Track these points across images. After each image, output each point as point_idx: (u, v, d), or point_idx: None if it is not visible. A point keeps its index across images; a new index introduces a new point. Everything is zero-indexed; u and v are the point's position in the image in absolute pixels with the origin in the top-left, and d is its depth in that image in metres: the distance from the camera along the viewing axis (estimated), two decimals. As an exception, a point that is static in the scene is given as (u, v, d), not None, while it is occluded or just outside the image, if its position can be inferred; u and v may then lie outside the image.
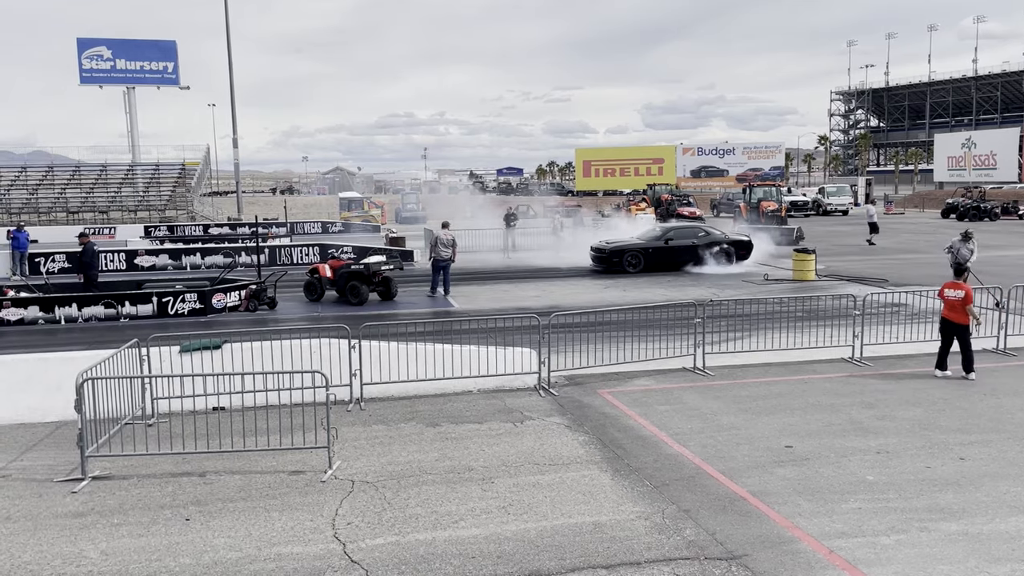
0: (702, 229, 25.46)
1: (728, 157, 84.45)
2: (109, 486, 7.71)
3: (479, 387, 11.00)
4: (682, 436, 8.93)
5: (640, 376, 11.50)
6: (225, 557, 6.24)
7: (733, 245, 24.46)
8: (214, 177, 66.48)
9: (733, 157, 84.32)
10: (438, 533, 6.61)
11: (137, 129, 59.34)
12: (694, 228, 25.61)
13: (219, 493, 7.52)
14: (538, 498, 7.27)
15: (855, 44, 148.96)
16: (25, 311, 17.06)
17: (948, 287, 11.33)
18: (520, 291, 20.87)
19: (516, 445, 8.74)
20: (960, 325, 11.12)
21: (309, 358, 10.25)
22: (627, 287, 21.06)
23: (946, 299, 11.29)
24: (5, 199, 53.43)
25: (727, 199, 55.19)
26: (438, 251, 20.03)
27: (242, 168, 53.08)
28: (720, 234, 25.14)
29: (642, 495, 7.33)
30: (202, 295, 17.82)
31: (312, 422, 8.52)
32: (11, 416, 9.67)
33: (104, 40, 57.69)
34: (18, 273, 25.44)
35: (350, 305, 18.61)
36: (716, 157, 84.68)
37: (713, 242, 24.19)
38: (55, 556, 6.30)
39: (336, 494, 7.46)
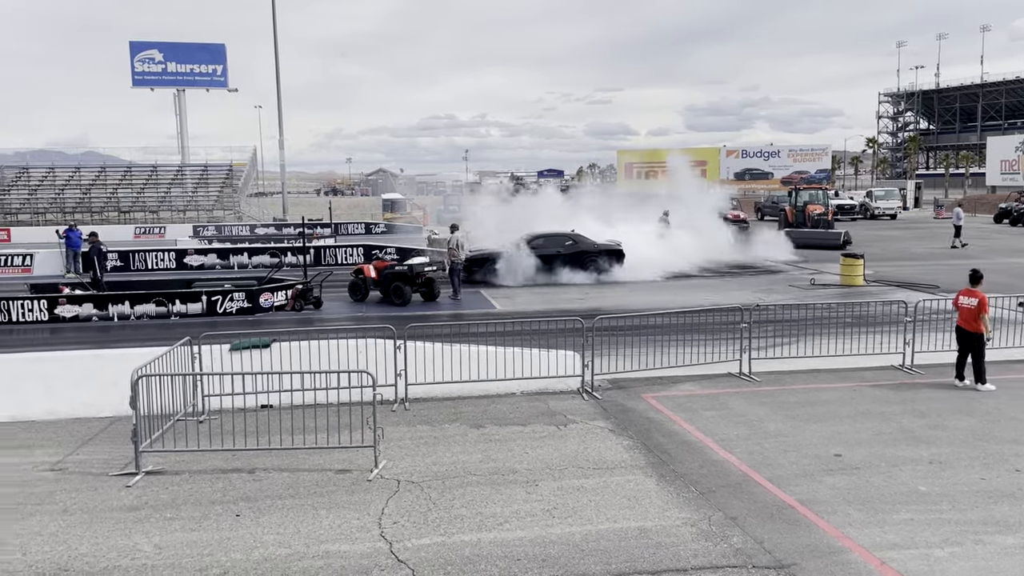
0: (570, 237, 23.67)
1: (773, 160, 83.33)
2: (162, 481, 7.88)
3: (522, 389, 11.01)
4: (728, 442, 8.84)
5: (684, 381, 11.41)
6: (275, 553, 6.34)
7: (603, 254, 23.22)
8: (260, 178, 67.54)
9: (778, 160, 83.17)
10: (483, 535, 6.64)
11: (187, 130, 60.59)
12: (561, 236, 23.75)
13: (268, 490, 7.64)
14: (583, 502, 7.26)
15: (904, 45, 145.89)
16: (80, 308, 17.54)
17: (963, 295, 11.04)
18: (561, 294, 20.83)
19: (560, 448, 8.73)
20: (974, 334, 10.82)
21: (355, 358, 10.36)
22: (670, 290, 20.90)
23: (960, 307, 11.00)
24: (60, 199, 54.92)
25: (771, 202, 54.41)
26: (457, 255, 20.10)
27: (287, 169, 53.95)
28: (590, 242, 23.58)
29: (688, 501, 7.28)
30: (250, 294, 18.14)
31: (358, 421, 8.61)
32: (68, 411, 9.94)
33: (156, 43, 59.02)
34: (72, 271, 26.15)
35: (394, 306, 18.78)
36: (760, 160, 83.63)
37: (582, 251, 22.99)
38: (110, 548, 6.47)
39: (382, 493, 7.53)
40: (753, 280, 22.90)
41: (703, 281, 22.84)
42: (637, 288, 21.58)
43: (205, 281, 20.50)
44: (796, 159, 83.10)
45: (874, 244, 32.65)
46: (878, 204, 55.89)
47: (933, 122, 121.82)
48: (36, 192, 55.86)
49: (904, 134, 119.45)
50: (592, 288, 21.64)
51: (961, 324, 11.01)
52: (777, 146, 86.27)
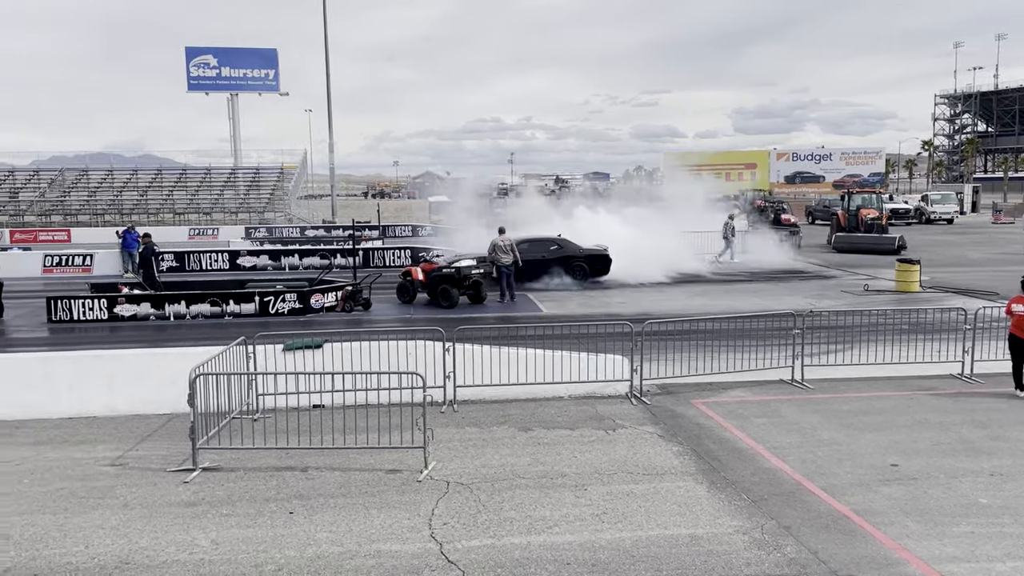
0: (555, 242, 23.23)
1: (825, 163, 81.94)
2: (218, 477, 8.06)
3: (570, 393, 11.00)
4: (780, 450, 8.71)
5: (735, 387, 11.28)
6: (327, 551, 6.44)
7: (588, 260, 22.76)
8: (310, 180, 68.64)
9: (830, 163, 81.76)
10: (533, 538, 6.65)
11: (239, 134, 61.84)
12: (546, 241, 23.31)
13: (320, 488, 7.76)
14: (632, 507, 7.23)
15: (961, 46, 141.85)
16: (138, 307, 18.02)
17: (1015, 302, 10.69)
18: (607, 297, 20.76)
19: (609, 453, 8.70)
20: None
21: (405, 359, 10.46)
22: (719, 295, 20.68)
23: (1014, 314, 10.66)
24: (118, 200, 56.48)
25: (823, 206, 53.46)
26: (497, 257, 20.04)
27: (336, 172, 54.65)
28: (575, 247, 23.11)
29: (740, 509, 7.19)
30: (301, 295, 18.44)
31: (408, 422, 8.69)
32: (127, 407, 10.22)
33: (211, 49, 60.35)
34: (130, 271, 26.87)
35: (441, 308, 18.89)
36: (812, 162, 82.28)
37: (567, 256, 22.54)
38: (169, 543, 6.63)
39: (432, 494, 7.59)
40: (804, 285, 22.52)
41: (753, 286, 22.54)
42: (686, 292, 21.40)
43: (258, 282, 20.90)
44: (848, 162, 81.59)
45: (930, 249, 31.84)
46: (934, 208, 54.52)
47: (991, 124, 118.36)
48: (95, 194, 57.53)
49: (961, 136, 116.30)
50: (634, 291, 21.51)
51: (1015, 332, 10.69)
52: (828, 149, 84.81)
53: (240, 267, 29.20)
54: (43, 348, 15.00)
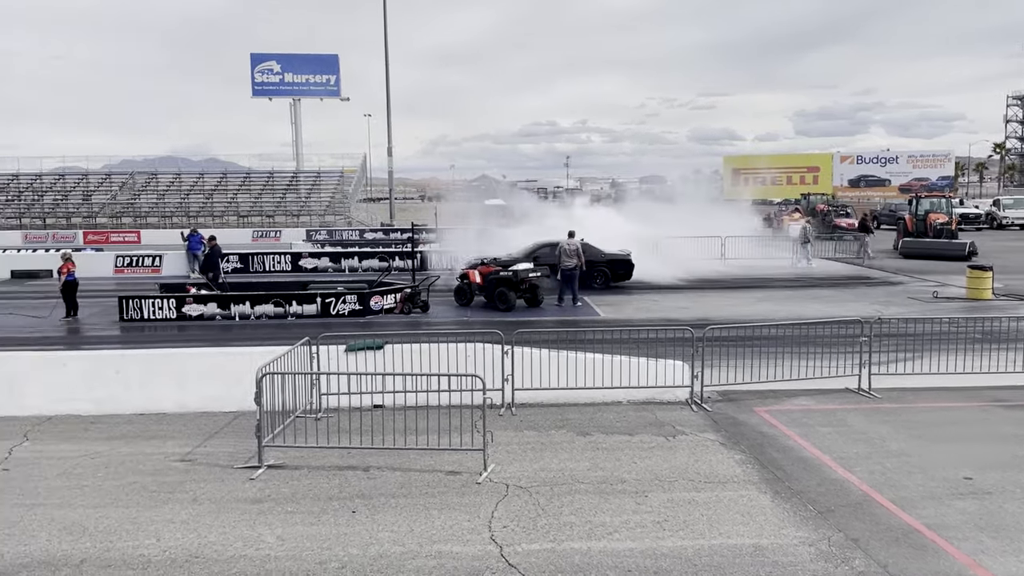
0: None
1: (890, 166, 79.75)
2: (282, 475, 8.22)
3: (629, 398, 10.91)
4: (847, 460, 8.49)
5: (799, 395, 11.04)
6: (389, 551, 6.51)
7: (610, 265, 22.26)
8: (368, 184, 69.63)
9: (896, 166, 79.55)
10: (593, 543, 6.61)
11: (301, 138, 63.14)
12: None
13: (382, 488, 7.85)
14: (694, 515, 7.13)
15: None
16: (205, 307, 18.53)
17: None
18: (667, 301, 20.54)
19: (669, 460, 8.60)
20: None
21: (463, 361, 10.52)
22: (781, 301, 20.29)
23: None
24: (185, 203, 58.15)
25: (889, 210, 52.03)
26: (562, 260, 20.02)
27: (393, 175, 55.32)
28: (597, 252, 22.51)
29: (805, 520, 7.03)
30: (361, 297, 18.71)
31: (467, 424, 8.72)
32: (196, 404, 10.51)
33: (274, 55, 61.76)
34: (195, 272, 27.63)
35: (498, 311, 18.95)
36: (877, 166, 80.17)
37: (587, 261, 21.42)
38: (236, 538, 6.79)
39: (491, 497, 7.61)
40: (870, 291, 21.94)
41: (817, 292, 22.05)
42: (748, 297, 21.06)
43: (319, 283, 21.29)
44: (916, 165, 79.27)
45: (1002, 256, 30.70)
46: (1006, 213, 52.50)
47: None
48: (164, 196, 59.33)
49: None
50: (699, 296, 21.25)
51: None
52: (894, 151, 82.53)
53: (301, 269, 29.80)
54: (115, 346, 15.51)
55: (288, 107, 62.73)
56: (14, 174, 60.99)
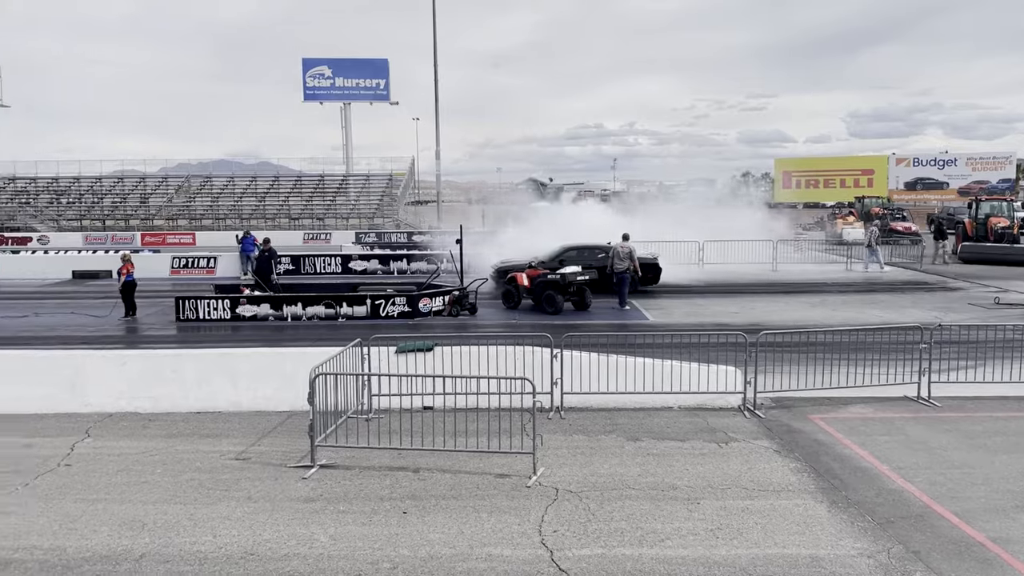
0: (604, 250, 22.14)
1: (948, 168, 77.63)
2: (335, 475, 8.31)
3: (679, 404, 10.79)
4: (906, 471, 8.27)
5: (855, 403, 10.79)
6: (440, 553, 6.52)
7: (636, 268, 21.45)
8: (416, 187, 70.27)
9: (954, 168, 77.40)
10: (644, 550, 6.54)
11: (351, 142, 63.94)
12: (595, 248, 22.52)
13: (432, 490, 7.88)
14: (748, 524, 7.01)
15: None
16: (258, 308, 18.86)
17: None
18: (717, 306, 20.30)
19: (722, 467, 8.48)
20: None
21: (512, 364, 10.51)
22: (836, 306, 19.89)
23: None
24: (238, 206, 59.34)
25: (947, 214, 50.66)
26: (615, 263, 19.95)
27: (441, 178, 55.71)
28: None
29: (863, 531, 6.86)
30: (410, 299, 18.87)
31: (516, 427, 8.72)
32: (250, 404, 10.69)
33: (325, 60, 62.68)
34: (248, 273, 28.15)
35: (545, 314, 18.92)
36: (935, 168, 78.11)
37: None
38: (290, 537, 6.88)
39: (541, 500, 7.59)
40: (928, 297, 21.39)
41: (873, 297, 21.57)
42: (801, 302, 20.69)
43: (369, 285, 21.53)
44: (975, 168, 77.04)
45: (1069, 261, 29.64)
46: (1071, 217, 50.71)
47: None
48: (218, 199, 60.64)
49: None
50: (749, 300, 20.95)
51: None
52: (953, 154, 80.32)
53: (351, 271, 30.18)
54: (172, 346, 15.89)
55: (338, 111, 63.61)
56: (75, 177, 62.96)
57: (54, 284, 28.47)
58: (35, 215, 57.58)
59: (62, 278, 29.74)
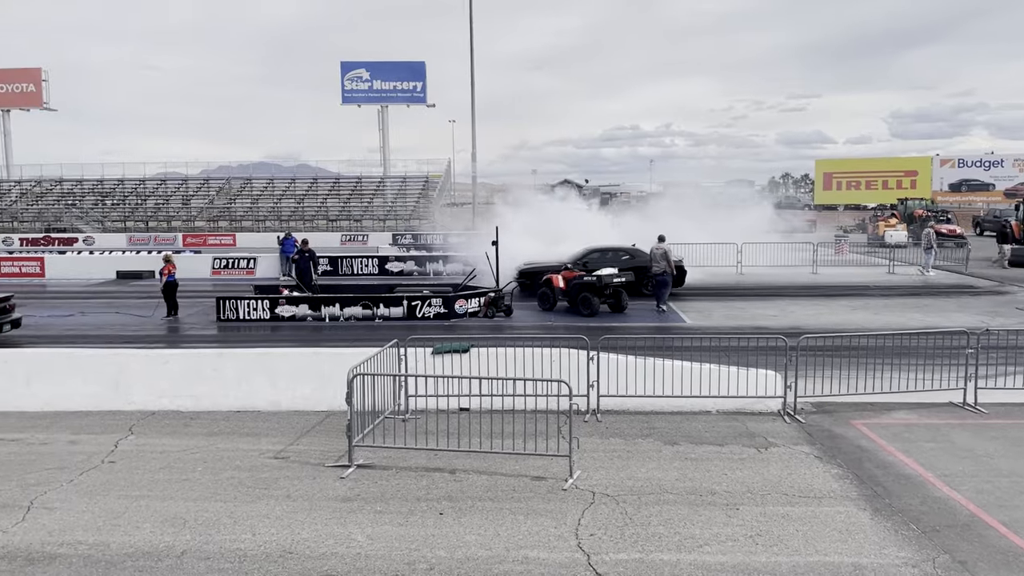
0: (628, 252, 22.30)
1: (995, 170, 75.76)
2: (372, 475, 8.35)
3: (717, 408, 10.67)
4: (952, 479, 8.07)
5: (898, 408, 10.57)
6: (476, 554, 6.52)
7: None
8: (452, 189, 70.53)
9: (1001, 170, 75.51)
10: (682, 555, 6.47)
11: (388, 144, 64.42)
12: (618, 251, 22.48)
13: (468, 491, 7.89)
14: (789, 531, 6.90)
15: None
16: (296, 309, 19.07)
17: None
18: (756, 309, 20.05)
19: (761, 472, 8.36)
20: None
21: (548, 366, 10.48)
22: (878, 310, 19.53)
23: None
24: (277, 207, 60.11)
25: (993, 216, 49.42)
26: (652, 265, 19.90)
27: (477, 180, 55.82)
28: (647, 257, 21.60)
29: (908, 540, 6.71)
30: (446, 300, 18.93)
31: (552, 429, 8.70)
32: (289, 403, 10.80)
33: (363, 63, 63.22)
34: (288, 274, 28.48)
35: (581, 316, 18.85)
36: (980, 169, 76.28)
37: (638, 267, 21.24)
38: (328, 536, 6.93)
39: (578, 504, 7.55)
40: (974, 301, 20.89)
41: (917, 301, 21.13)
42: (843, 306, 20.35)
43: (405, 287, 21.65)
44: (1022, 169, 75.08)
45: (1122, 264, 28.77)
46: (1124, 219, 49.17)
47: None
48: (258, 201, 61.49)
49: None
50: (789, 303, 20.66)
51: None
52: (999, 154, 78.35)
53: (388, 272, 30.38)
54: (213, 345, 16.12)
55: (376, 114, 64.12)
56: (120, 179, 64.31)
57: (99, 284, 29.10)
58: (81, 216, 58.91)
59: (107, 278, 30.38)
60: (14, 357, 11.81)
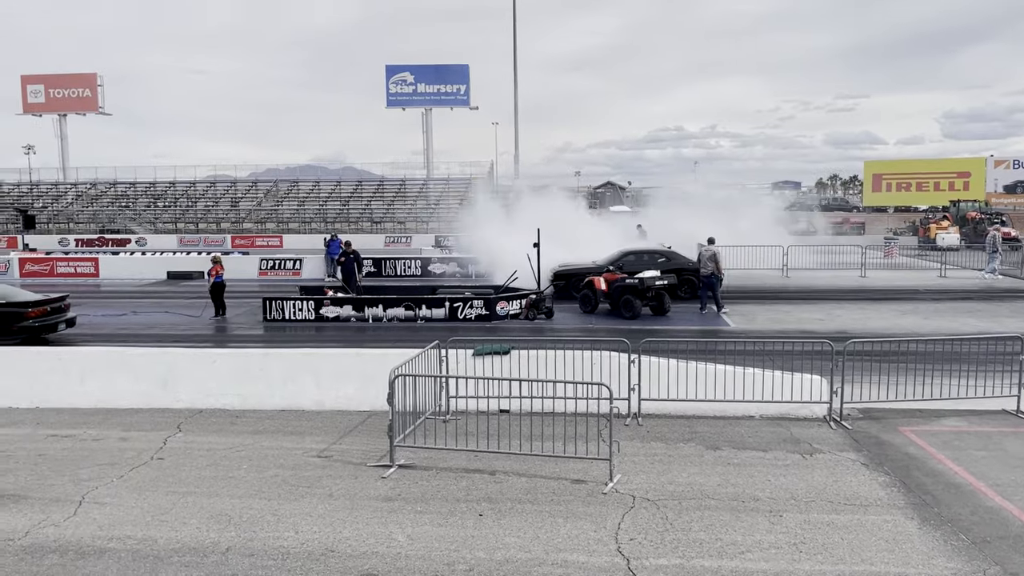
0: (664, 254, 22.25)
1: (1053, 170, 73.47)
2: (412, 475, 8.42)
3: (761, 412, 10.52)
4: (1005, 488, 7.85)
5: (949, 415, 10.31)
6: (515, 556, 6.53)
7: (696, 274, 21.15)
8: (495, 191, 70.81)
9: (1059, 170, 73.20)
10: (724, 562, 6.40)
11: (432, 147, 64.93)
12: (654, 253, 22.43)
13: (508, 493, 7.90)
14: (833, 539, 6.77)
15: None
16: (341, 309, 19.33)
17: None
18: (802, 312, 19.74)
19: (806, 479, 8.22)
20: None
21: (589, 369, 10.44)
22: (929, 314, 19.07)
23: None
24: (323, 209, 60.94)
25: (1052, 218, 47.98)
26: (701, 267, 19.87)
27: (520, 182, 55.94)
28: (684, 260, 21.98)
29: (957, 550, 6.54)
30: (488, 302, 19.00)
31: (592, 432, 8.67)
32: (333, 402, 10.95)
33: (408, 66, 63.87)
34: (333, 275, 28.85)
35: (622, 318, 18.77)
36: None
37: (675, 269, 20.95)
38: (369, 535, 6.99)
39: (618, 508, 7.51)
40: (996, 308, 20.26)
41: (969, 305, 20.59)
42: (891, 310, 19.93)
43: (448, 288, 21.79)
44: (1083, 169, 72.67)
45: None
46: None
47: None
48: (304, 203, 62.41)
49: None
50: (835, 307, 20.30)
51: None
52: (1058, 154, 75.94)
53: (431, 274, 30.61)
54: (259, 345, 16.42)
55: (420, 116, 64.67)
56: (171, 182, 65.84)
57: (150, 284, 29.82)
58: (134, 218, 60.43)
59: (158, 279, 31.12)
60: (69, 355, 12.17)
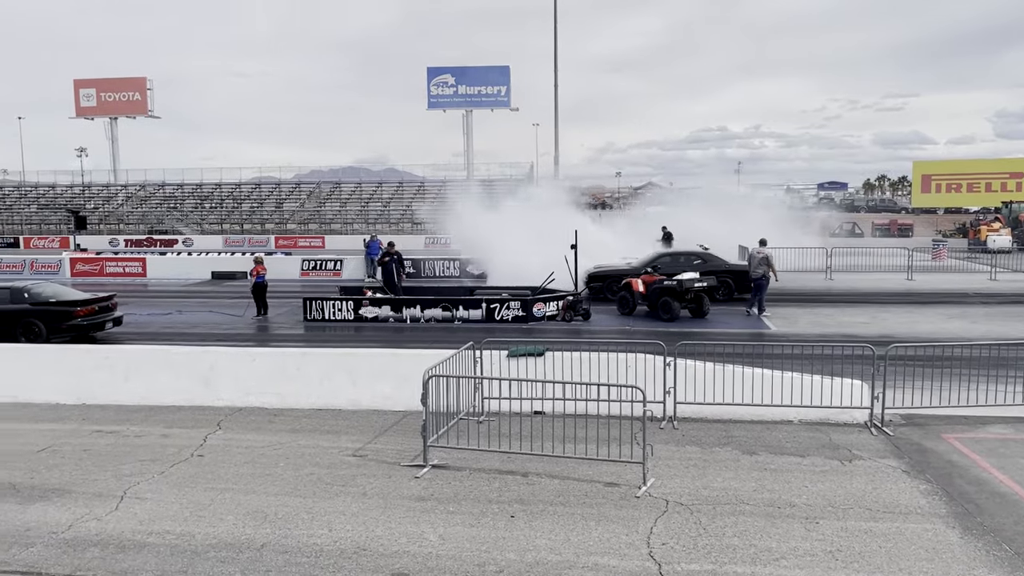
0: (699, 256, 22.22)
1: (1111, 170, 71.11)
2: (445, 475, 8.46)
3: (799, 417, 10.35)
4: (1053, 499, 7.61)
5: (994, 422, 10.04)
6: (546, 559, 6.52)
7: (733, 276, 21.30)
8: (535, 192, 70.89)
9: (1118, 170, 70.82)
10: (757, 569, 6.31)
11: (472, 148, 65.17)
12: (690, 255, 22.43)
13: (540, 495, 7.89)
14: (871, 547, 6.64)
15: None
16: (379, 310, 19.51)
17: None
18: (845, 316, 19.39)
19: (844, 485, 8.07)
20: None
21: (624, 371, 10.38)
22: (977, 318, 18.59)
23: None
24: (365, 211, 61.56)
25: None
26: (752, 269, 19.66)
27: (560, 184, 55.86)
28: (721, 261, 21.90)
29: (1000, 561, 6.36)
30: (524, 304, 19.01)
31: (626, 435, 8.61)
32: (368, 402, 11.05)
33: (449, 68, 64.23)
34: (374, 276, 29.14)
35: (660, 320, 18.63)
36: (1094, 170, 71.72)
37: (710, 271, 20.73)
38: (401, 534, 7.04)
39: (650, 512, 7.45)
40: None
41: (1020, 309, 20.02)
42: (938, 314, 19.47)
43: (485, 289, 21.86)
44: None
45: None
46: None
47: None
48: (346, 205, 63.12)
49: None
50: (880, 310, 19.90)
51: None
52: (1118, 154, 73.41)
53: (469, 274, 30.71)
54: (299, 344, 16.65)
55: (460, 118, 64.97)
56: (217, 184, 67.10)
57: (196, 284, 30.43)
58: (181, 219, 61.72)
59: (203, 278, 31.74)
60: (115, 353, 12.48)
